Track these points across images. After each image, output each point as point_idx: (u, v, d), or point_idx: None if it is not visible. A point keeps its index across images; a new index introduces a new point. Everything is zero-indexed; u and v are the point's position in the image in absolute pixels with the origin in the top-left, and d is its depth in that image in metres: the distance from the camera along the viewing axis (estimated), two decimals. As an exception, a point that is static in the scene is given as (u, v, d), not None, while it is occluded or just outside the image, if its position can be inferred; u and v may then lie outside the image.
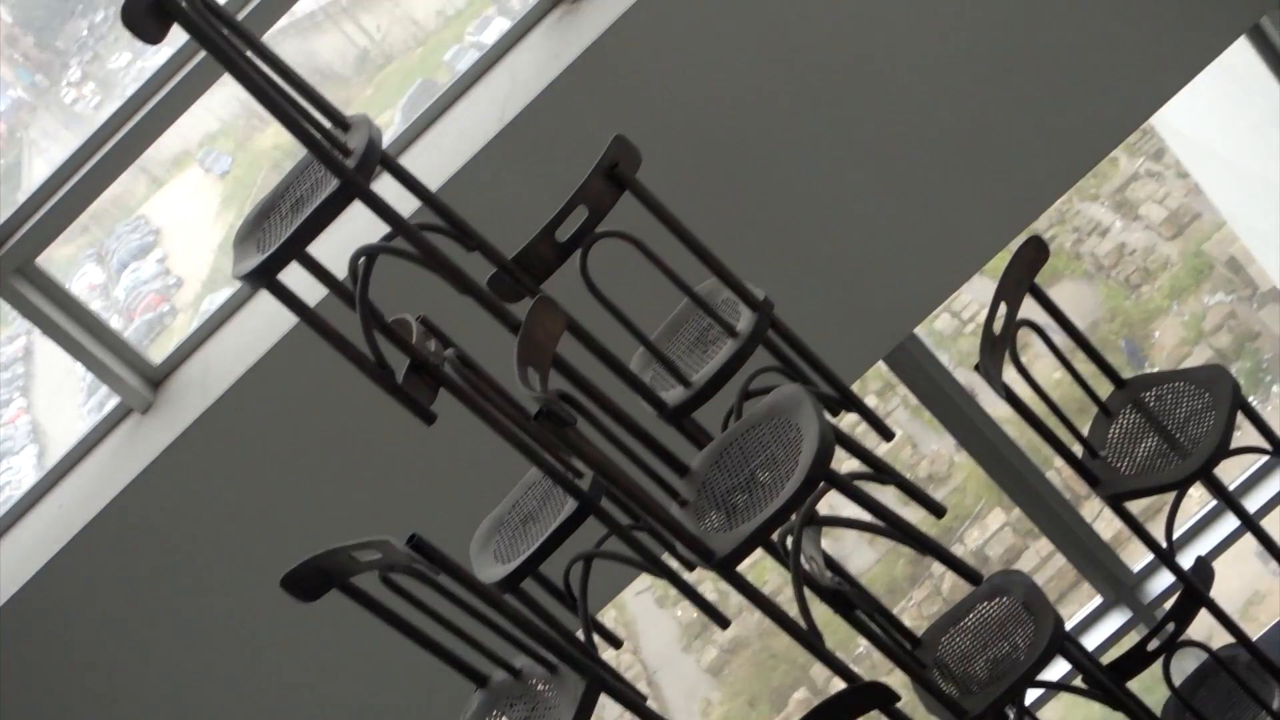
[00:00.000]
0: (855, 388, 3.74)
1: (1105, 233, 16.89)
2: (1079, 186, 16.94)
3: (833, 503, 3.17)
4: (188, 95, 4.27)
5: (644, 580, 14.26)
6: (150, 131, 4.28)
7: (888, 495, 3.31)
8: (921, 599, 12.83)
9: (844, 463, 3.26)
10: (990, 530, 13.44)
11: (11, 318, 8.45)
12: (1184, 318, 15.80)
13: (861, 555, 12.87)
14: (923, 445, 14.11)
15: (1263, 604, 11.98)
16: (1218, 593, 3.84)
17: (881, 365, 5.03)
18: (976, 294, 15.17)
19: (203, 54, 4.18)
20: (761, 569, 10.19)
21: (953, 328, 15.06)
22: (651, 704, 3.01)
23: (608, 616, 9.30)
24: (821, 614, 3.05)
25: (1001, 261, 3.54)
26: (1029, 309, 3.56)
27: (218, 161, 9.48)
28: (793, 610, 2.99)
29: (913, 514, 3.43)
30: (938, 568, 13.52)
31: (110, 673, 4.40)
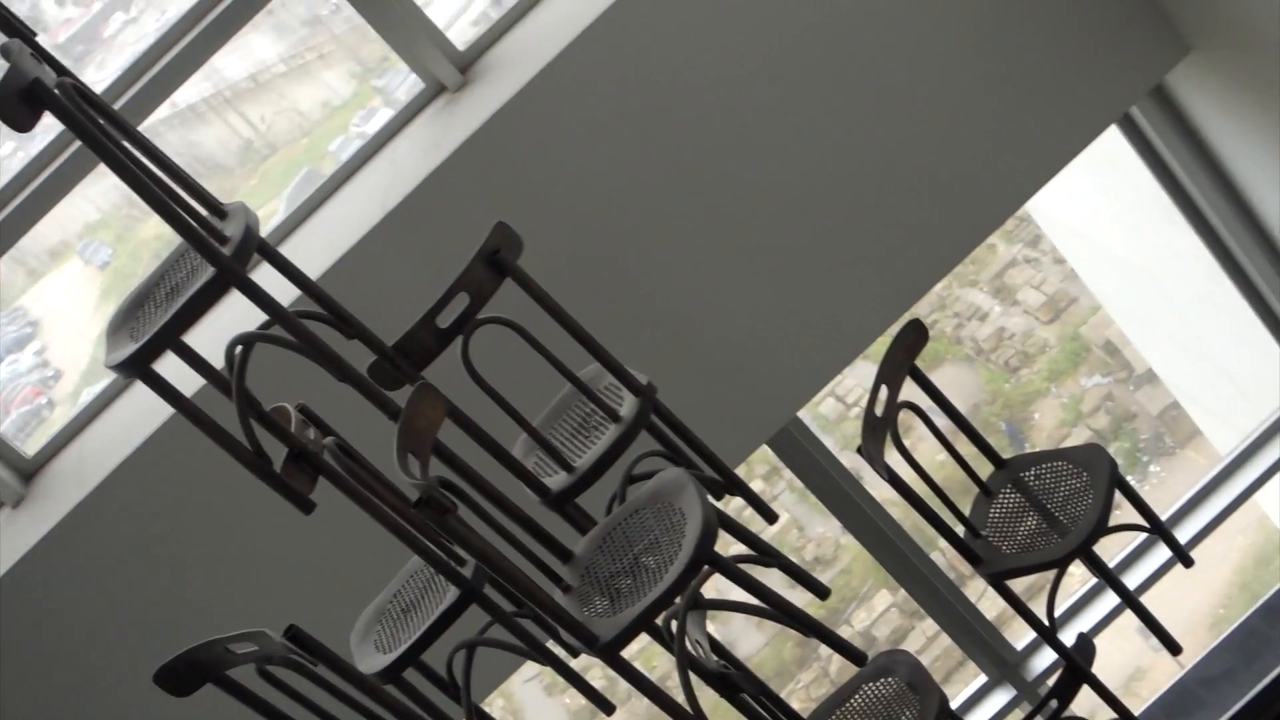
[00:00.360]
0: (740, 472, 3.76)
1: (985, 317, 17.15)
2: (958, 272, 17.28)
3: (719, 586, 3.16)
4: (63, 184, 4.20)
5: (531, 668, 14.15)
6: (25, 221, 4.21)
7: (773, 578, 3.31)
8: (809, 681, 12.82)
9: (729, 546, 3.25)
10: (877, 611, 13.50)
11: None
12: (1063, 400, 16.05)
13: (749, 639, 12.85)
14: (809, 528, 14.17)
15: (1144, 680, 12.13)
16: (1100, 669, 3.87)
17: (767, 449, 5.05)
18: (860, 378, 15.32)
19: (78, 143, 4.14)
20: (650, 654, 10.16)
21: (837, 412, 15.18)
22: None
23: (494, 705, 9.18)
24: (709, 699, 3.04)
25: (884, 346, 3.58)
26: (912, 393, 3.60)
27: (98, 252, 9.35)
28: (679, 695, 2.97)
29: (799, 596, 3.44)
30: (826, 650, 13.53)
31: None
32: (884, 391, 3.52)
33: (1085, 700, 3.89)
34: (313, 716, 2.85)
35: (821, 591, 3.19)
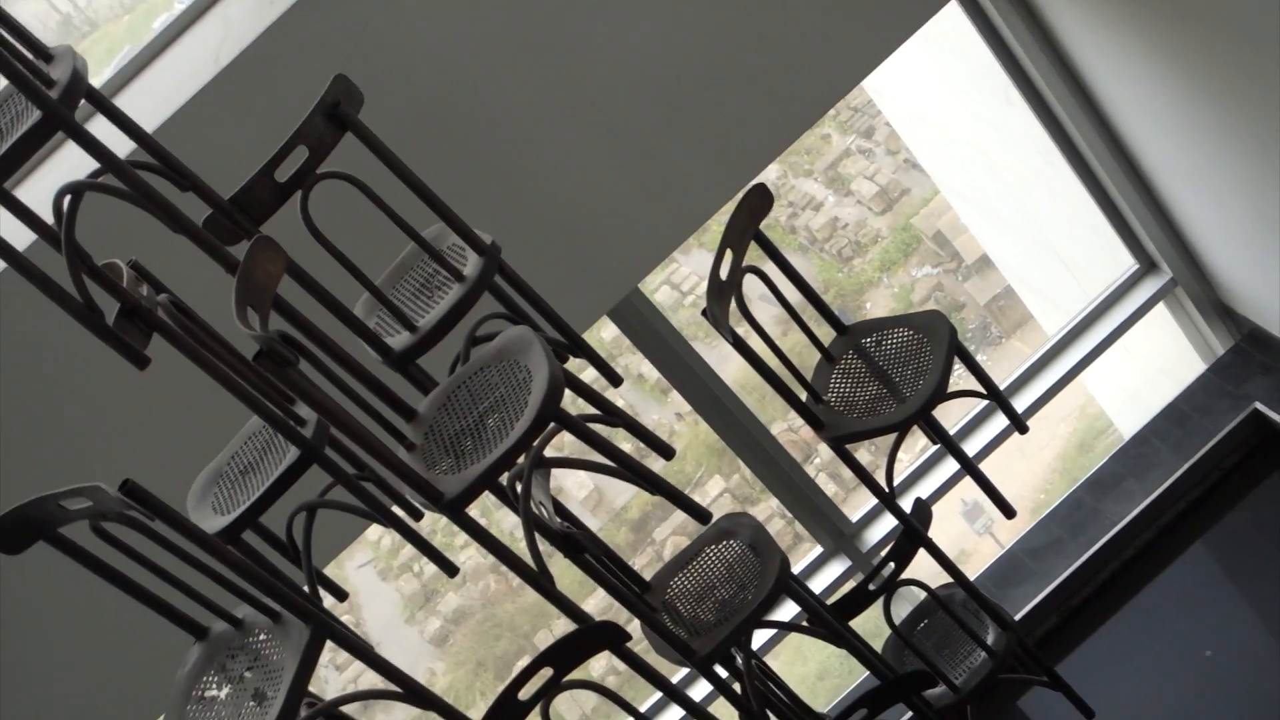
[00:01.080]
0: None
1: (819, 207, 17.40)
2: (793, 163, 17.42)
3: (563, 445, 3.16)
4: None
5: (367, 553, 14.15)
6: None
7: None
8: (643, 565, 13.01)
9: (573, 405, 3.25)
10: (710, 496, 13.69)
11: None
12: (894, 289, 16.38)
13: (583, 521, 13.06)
14: (644, 416, 14.29)
15: (968, 562, 12.44)
16: (929, 542, 3.96)
17: (604, 337, 5.05)
18: (695, 267, 15.45)
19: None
20: (495, 527, 10.23)
21: (673, 299, 15.29)
22: (371, 680, 2.97)
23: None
24: (556, 570, 3.04)
25: (718, 236, 3.58)
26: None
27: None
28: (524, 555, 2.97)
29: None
30: (659, 533, 13.73)
31: None
32: (729, 256, 3.52)
33: (919, 566, 3.97)
34: (150, 575, 2.80)
35: (666, 451, 3.19)
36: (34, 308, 3.05)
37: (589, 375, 3.66)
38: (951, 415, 5.74)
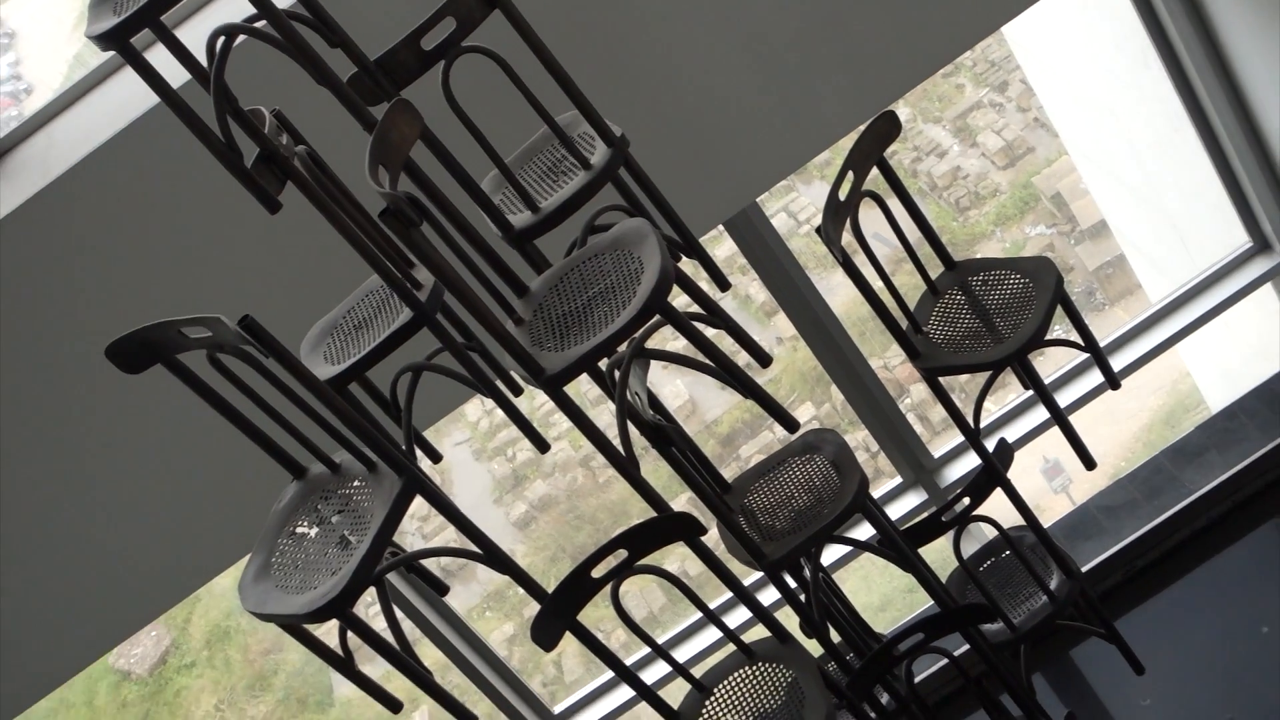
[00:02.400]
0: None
1: (943, 155, 17.19)
2: (924, 108, 17.19)
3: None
4: None
5: (465, 432, 14.30)
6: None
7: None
8: (726, 476, 13.09)
9: (679, 305, 3.24)
10: (800, 421, 13.67)
11: None
12: (1005, 244, 16.17)
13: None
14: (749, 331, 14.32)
15: (1041, 517, 12.33)
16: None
17: (719, 254, 5.03)
18: (814, 198, 15.36)
19: None
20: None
21: (788, 227, 15.23)
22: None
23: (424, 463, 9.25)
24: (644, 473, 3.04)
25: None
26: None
27: (82, -27, 9.16)
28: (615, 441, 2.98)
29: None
30: (745, 450, 13.74)
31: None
32: (850, 177, 3.49)
33: (993, 507, 3.95)
34: (257, 411, 2.84)
35: (764, 359, 3.18)
36: (181, 145, 3.09)
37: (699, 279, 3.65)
38: (1046, 365, 5.68)
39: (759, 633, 3.50)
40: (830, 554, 5.29)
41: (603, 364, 3.03)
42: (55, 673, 4.78)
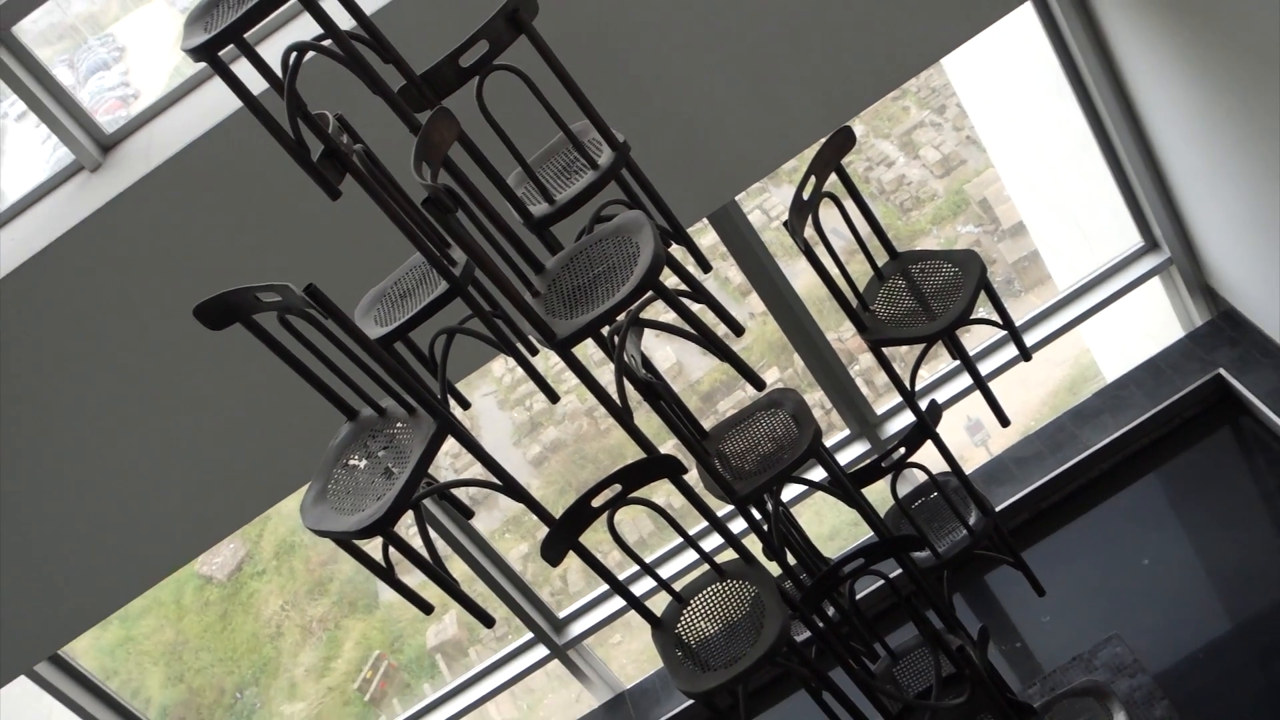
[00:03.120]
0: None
1: (891, 165, 17.16)
2: (875, 125, 17.12)
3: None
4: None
5: (491, 385, 14.29)
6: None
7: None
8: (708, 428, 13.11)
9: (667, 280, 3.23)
10: (767, 383, 13.70)
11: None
12: (940, 240, 16.15)
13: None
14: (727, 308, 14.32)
15: (963, 466, 12.36)
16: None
17: (702, 243, 5.01)
18: (782, 198, 15.34)
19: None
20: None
21: (761, 223, 15.21)
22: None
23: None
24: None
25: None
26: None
27: (178, -1, 9.12)
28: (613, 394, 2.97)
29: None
30: (722, 405, 13.73)
31: (54, 381, 4.26)
32: (812, 181, 3.48)
33: (924, 456, 3.95)
34: (320, 366, 2.83)
35: (737, 328, 3.18)
36: (258, 141, 3.07)
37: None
38: (971, 340, 5.68)
39: (729, 555, 3.51)
40: (789, 492, 5.28)
41: (605, 330, 3.02)
42: (149, 573, 4.79)
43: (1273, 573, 5.05)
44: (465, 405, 3.31)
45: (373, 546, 2.95)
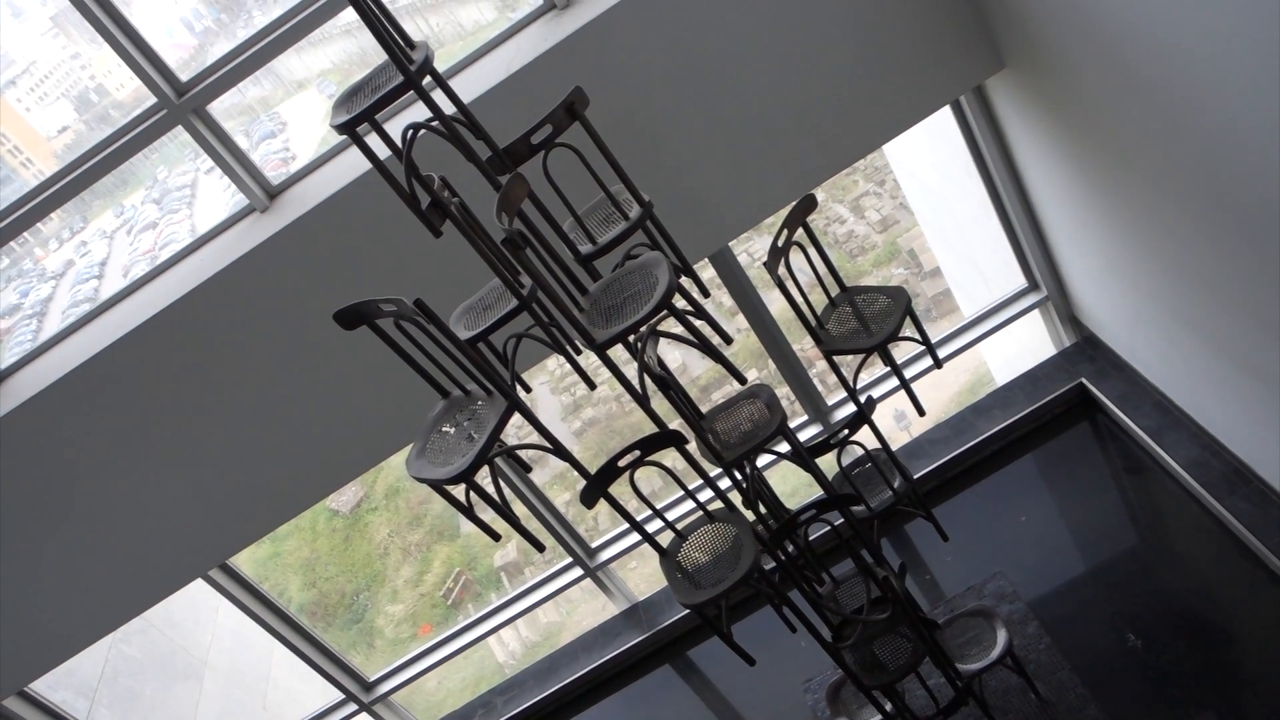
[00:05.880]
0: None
1: (843, 222, 17.09)
2: (831, 192, 17.04)
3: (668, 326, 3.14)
4: (314, 21, 4.00)
5: (546, 375, 14.26)
6: (290, 37, 4.00)
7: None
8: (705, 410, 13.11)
9: (679, 303, 3.23)
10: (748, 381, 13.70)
11: (187, 154, 8.05)
12: (878, 279, 16.09)
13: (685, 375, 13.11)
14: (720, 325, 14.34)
15: (891, 444, 12.31)
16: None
17: (704, 276, 5.01)
18: (763, 245, 15.35)
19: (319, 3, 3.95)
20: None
21: (747, 262, 15.22)
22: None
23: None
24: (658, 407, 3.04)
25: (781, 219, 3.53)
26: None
27: (327, 88, 9.15)
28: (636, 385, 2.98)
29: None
30: (715, 395, 13.69)
31: (233, 361, 4.29)
32: (785, 233, 3.47)
33: (863, 436, 3.94)
34: (423, 358, 2.85)
35: (727, 338, 3.18)
36: (383, 194, 3.08)
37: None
38: (898, 351, 5.65)
39: (717, 505, 3.52)
40: (763, 460, 5.29)
41: (631, 338, 3.03)
42: (300, 502, 4.78)
43: (1117, 530, 5.01)
44: (528, 389, 3.32)
45: (458, 490, 2.97)
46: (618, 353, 2.98)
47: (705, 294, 3.37)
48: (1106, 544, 4.97)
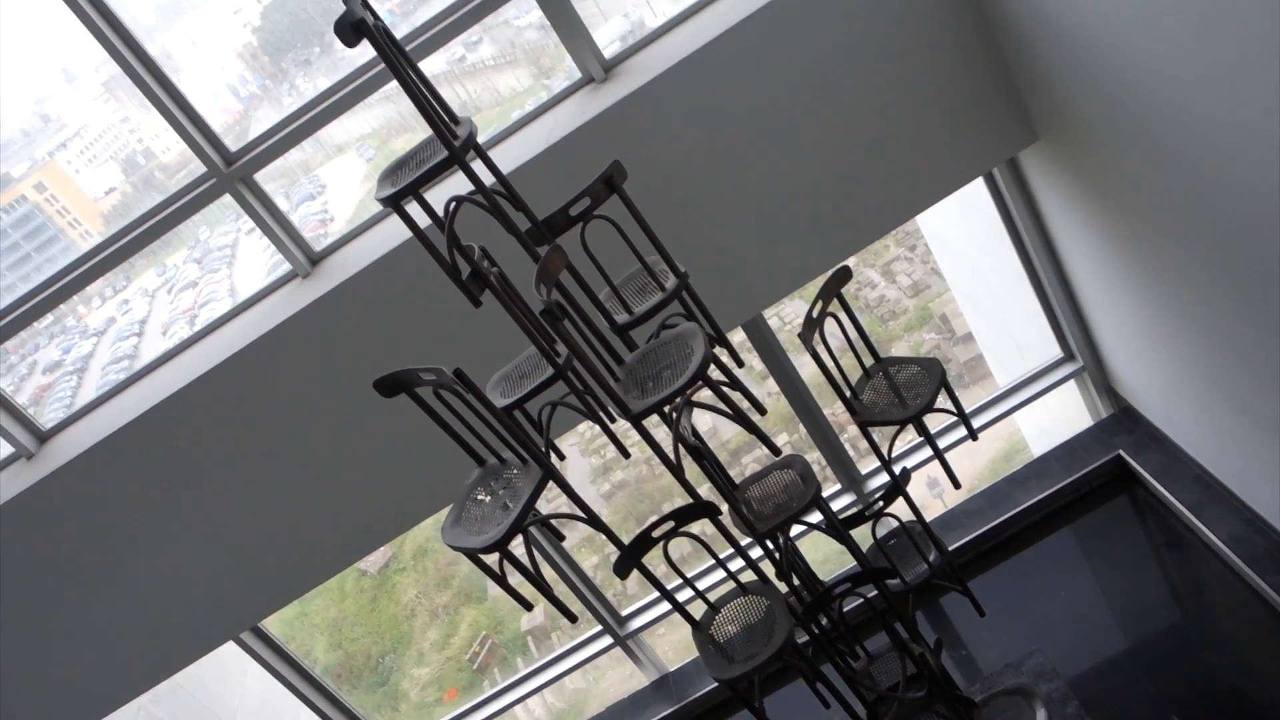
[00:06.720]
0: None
1: (875, 287, 17.10)
2: (863, 257, 17.12)
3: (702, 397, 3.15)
4: (359, 94, 4.12)
5: (575, 437, 14.27)
6: (337, 109, 4.12)
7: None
8: (733, 475, 13.01)
9: (713, 373, 3.24)
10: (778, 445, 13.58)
11: (229, 215, 8.23)
12: (909, 344, 16.03)
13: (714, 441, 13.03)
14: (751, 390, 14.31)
15: (924, 513, 12.12)
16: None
17: (734, 339, 5.02)
18: (796, 309, 15.36)
19: (372, 72, 4.06)
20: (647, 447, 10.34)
21: (778, 326, 15.23)
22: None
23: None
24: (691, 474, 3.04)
25: (819, 286, 3.54)
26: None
27: (365, 151, 9.37)
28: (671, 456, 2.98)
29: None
30: (745, 460, 13.62)
31: (273, 425, 4.34)
32: (820, 304, 3.49)
33: (896, 508, 3.90)
34: (460, 425, 2.87)
35: (760, 409, 3.18)
36: (421, 269, 3.13)
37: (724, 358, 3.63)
38: (932, 422, 5.61)
39: (749, 576, 3.49)
40: (795, 529, 5.24)
41: (666, 408, 3.04)
42: (335, 564, 4.78)
43: (1158, 606, 4.91)
44: (561, 457, 3.32)
45: (491, 559, 2.96)
46: (650, 419, 2.99)
47: (739, 363, 3.39)
48: (1148, 621, 4.87)
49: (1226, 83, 3.00)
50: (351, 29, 2.44)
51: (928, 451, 5.51)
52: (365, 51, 3.92)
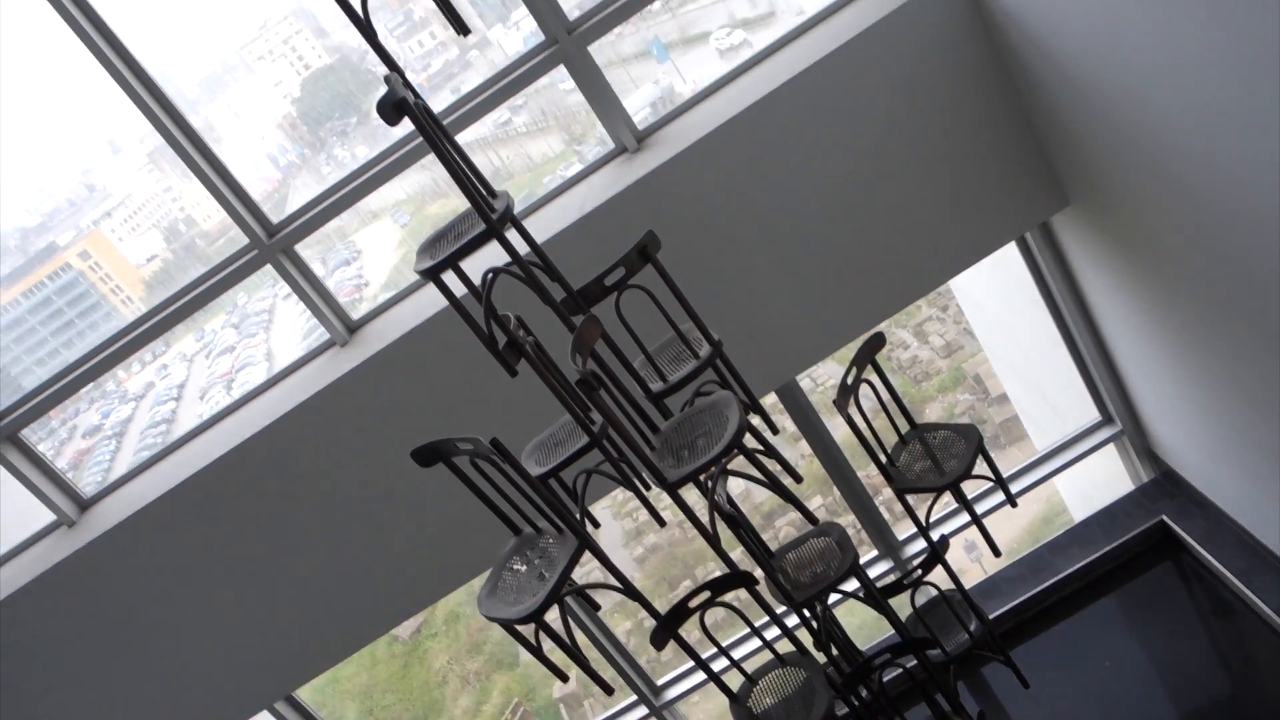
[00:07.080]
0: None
1: (907, 348, 17.04)
2: (895, 318, 17.11)
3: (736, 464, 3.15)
4: (397, 167, 4.21)
5: (607, 501, 14.22)
6: (376, 181, 4.21)
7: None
8: (767, 540, 12.87)
9: (748, 440, 3.24)
10: (811, 509, 13.42)
11: (267, 281, 8.38)
12: (944, 405, 15.90)
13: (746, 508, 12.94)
14: (781, 453, 14.21)
15: (963, 578, 11.88)
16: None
17: (766, 402, 5.02)
18: (830, 371, 15.32)
19: (409, 145, 4.16)
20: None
21: (810, 387, 15.18)
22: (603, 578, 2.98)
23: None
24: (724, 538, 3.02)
25: (851, 350, 3.54)
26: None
27: (400, 217, 9.54)
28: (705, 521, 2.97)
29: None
30: (779, 523, 13.49)
31: (310, 492, 4.37)
32: (854, 370, 3.49)
33: (935, 575, 3.85)
34: (496, 494, 2.88)
35: (796, 476, 3.17)
36: (460, 336, 3.16)
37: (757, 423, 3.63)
38: (969, 487, 5.55)
39: (785, 646, 3.45)
40: (833, 598, 5.18)
41: (702, 477, 3.04)
42: (369, 632, 4.78)
43: (1206, 676, 4.78)
44: (596, 525, 3.32)
45: (527, 629, 2.95)
46: (685, 486, 2.98)
47: (774, 430, 3.39)
48: (1197, 692, 4.74)
49: (1261, 148, 3.01)
50: (394, 108, 2.51)
51: (965, 517, 5.44)
52: (403, 125, 4.02)
